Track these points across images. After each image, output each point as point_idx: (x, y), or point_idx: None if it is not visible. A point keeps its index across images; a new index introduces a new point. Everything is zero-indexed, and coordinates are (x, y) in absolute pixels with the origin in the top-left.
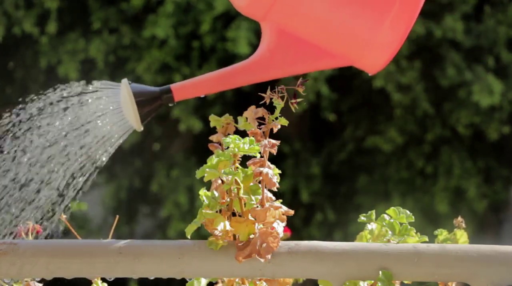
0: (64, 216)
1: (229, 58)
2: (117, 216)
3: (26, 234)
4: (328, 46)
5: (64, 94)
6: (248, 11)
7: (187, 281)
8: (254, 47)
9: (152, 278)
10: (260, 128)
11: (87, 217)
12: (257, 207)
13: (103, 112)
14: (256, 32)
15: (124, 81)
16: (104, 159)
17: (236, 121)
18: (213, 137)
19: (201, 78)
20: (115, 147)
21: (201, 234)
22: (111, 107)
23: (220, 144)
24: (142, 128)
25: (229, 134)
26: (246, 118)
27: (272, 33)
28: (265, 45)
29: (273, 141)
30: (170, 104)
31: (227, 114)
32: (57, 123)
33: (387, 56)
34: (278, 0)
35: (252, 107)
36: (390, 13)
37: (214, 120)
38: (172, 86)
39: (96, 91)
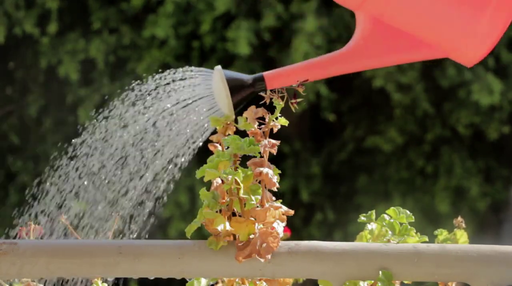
0: (65, 217)
1: (229, 58)
2: (118, 215)
3: (27, 234)
4: (424, 36)
5: (158, 81)
6: (343, 0)
7: (187, 281)
8: (254, 47)
9: (152, 278)
10: (260, 128)
11: None
12: (257, 207)
13: (195, 99)
14: (256, 32)
15: (218, 68)
16: (195, 146)
17: (237, 121)
18: (213, 138)
19: (294, 66)
20: (206, 135)
21: (202, 234)
22: (203, 95)
23: (220, 144)
24: (233, 117)
25: (229, 134)
26: (246, 118)
27: (366, 22)
28: (359, 34)
29: (273, 141)
30: (262, 94)
31: (227, 114)
32: (151, 110)
33: (485, 48)
34: None
35: (252, 107)
36: (490, 4)
37: (214, 120)
38: (265, 74)
39: (190, 78)
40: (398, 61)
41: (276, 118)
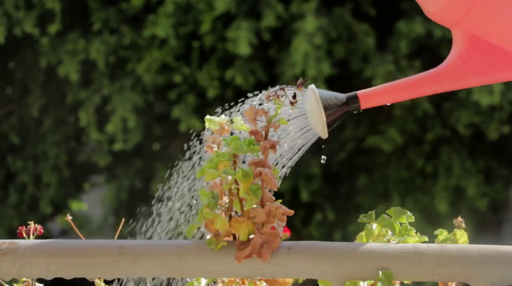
0: (70, 217)
1: (229, 58)
2: (123, 219)
3: (27, 234)
4: None
5: (255, 101)
6: (440, 17)
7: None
8: (254, 47)
9: (152, 278)
10: (260, 128)
11: (87, 217)
12: (257, 207)
13: (288, 119)
14: (256, 33)
15: (312, 87)
16: (287, 167)
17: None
18: (209, 138)
19: (388, 86)
20: (299, 154)
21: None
22: (296, 114)
23: (218, 145)
24: (327, 136)
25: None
26: (243, 118)
27: (464, 40)
28: (456, 52)
29: (273, 141)
30: (355, 112)
31: (222, 115)
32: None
33: None
34: (473, 7)
35: (252, 107)
36: None
37: (209, 121)
38: (359, 93)
39: (281, 97)
40: (497, 80)
41: (276, 118)
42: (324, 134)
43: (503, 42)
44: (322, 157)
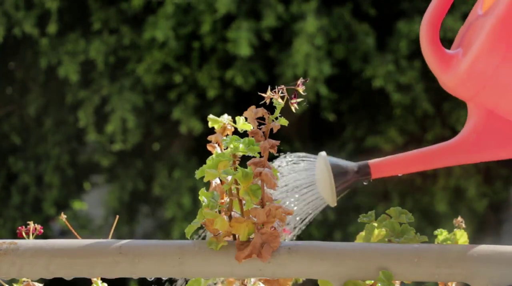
0: (64, 216)
1: (229, 59)
2: (117, 216)
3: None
4: None
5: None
6: (456, 91)
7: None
8: (254, 48)
9: (151, 278)
10: (260, 128)
11: (89, 217)
12: (257, 207)
13: (298, 186)
14: (257, 33)
15: (323, 154)
16: (293, 235)
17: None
18: (211, 138)
19: (401, 157)
20: (305, 223)
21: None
22: (306, 181)
23: (219, 144)
24: (335, 204)
25: (227, 135)
26: (245, 118)
27: (479, 115)
28: (471, 126)
29: (273, 141)
30: (365, 182)
31: (225, 115)
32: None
33: None
34: (488, 84)
35: (252, 107)
36: None
37: (212, 120)
38: (370, 163)
39: (293, 164)
40: (510, 156)
41: (276, 118)
42: (333, 203)
43: None
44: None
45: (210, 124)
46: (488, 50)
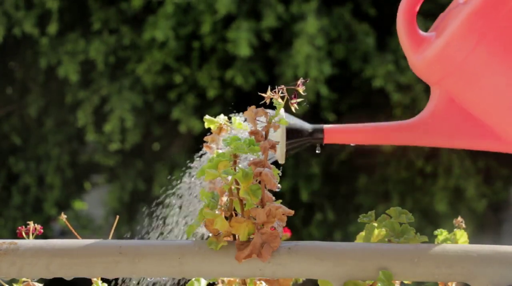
0: (65, 216)
1: (229, 59)
2: (117, 216)
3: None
4: (499, 129)
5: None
6: (422, 73)
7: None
8: (254, 48)
9: (151, 278)
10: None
11: (90, 217)
12: (257, 207)
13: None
14: (257, 33)
15: (281, 111)
16: None
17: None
18: (207, 138)
19: (356, 127)
20: None
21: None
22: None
23: (217, 145)
24: (284, 162)
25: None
26: (245, 119)
27: (440, 101)
28: (430, 110)
29: (273, 141)
30: (317, 145)
31: (221, 115)
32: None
33: None
34: (455, 71)
35: (252, 107)
36: None
37: (208, 121)
38: (326, 127)
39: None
40: (462, 146)
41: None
42: (282, 160)
43: (478, 112)
44: (317, 147)
45: (206, 125)
46: (459, 38)
